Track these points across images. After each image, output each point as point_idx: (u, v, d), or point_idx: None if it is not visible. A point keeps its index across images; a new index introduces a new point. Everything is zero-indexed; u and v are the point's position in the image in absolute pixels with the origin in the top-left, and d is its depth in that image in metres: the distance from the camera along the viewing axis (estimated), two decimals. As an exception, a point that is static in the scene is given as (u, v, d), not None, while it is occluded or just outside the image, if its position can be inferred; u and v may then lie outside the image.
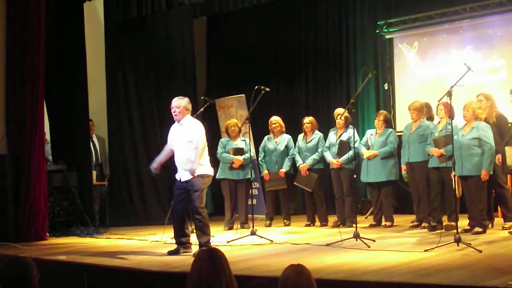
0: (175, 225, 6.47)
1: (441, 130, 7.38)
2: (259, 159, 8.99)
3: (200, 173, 6.36)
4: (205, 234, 6.32)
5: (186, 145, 6.39)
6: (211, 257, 3.06)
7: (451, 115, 7.00)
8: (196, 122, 6.53)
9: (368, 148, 8.27)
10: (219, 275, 3.02)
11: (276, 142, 8.88)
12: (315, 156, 8.54)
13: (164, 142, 7.17)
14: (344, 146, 8.20)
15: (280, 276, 3.02)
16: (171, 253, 6.30)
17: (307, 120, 8.72)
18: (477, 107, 7.09)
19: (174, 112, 6.46)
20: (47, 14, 8.32)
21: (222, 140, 8.97)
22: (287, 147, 8.83)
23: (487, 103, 7.42)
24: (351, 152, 7.97)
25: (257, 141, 9.20)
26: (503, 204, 7.43)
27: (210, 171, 6.57)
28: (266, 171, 8.87)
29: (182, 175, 6.41)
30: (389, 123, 8.46)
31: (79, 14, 9.36)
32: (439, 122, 7.51)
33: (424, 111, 7.88)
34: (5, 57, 8.18)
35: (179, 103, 6.44)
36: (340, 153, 8.24)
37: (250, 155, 8.48)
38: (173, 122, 6.66)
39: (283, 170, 8.74)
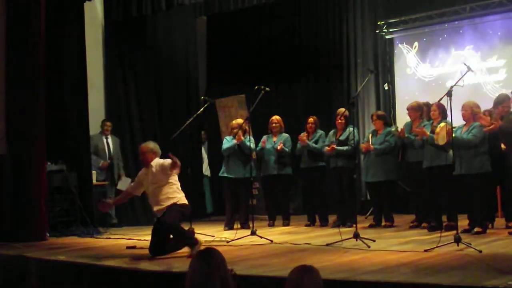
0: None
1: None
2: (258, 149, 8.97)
3: (176, 202, 6.24)
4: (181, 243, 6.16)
5: (159, 182, 6.26)
6: (205, 258, 3.06)
7: (445, 116, 7.06)
8: (165, 160, 6.34)
9: (368, 147, 8.27)
10: (213, 275, 3.01)
11: (274, 141, 8.88)
12: (318, 146, 8.53)
13: (164, 142, 7.17)
14: (343, 146, 8.21)
15: (287, 276, 3.03)
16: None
17: (311, 120, 8.72)
18: (475, 106, 7.07)
19: (141, 158, 6.49)
20: (47, 14, 8.31)
21: (227, 137, 8.96)
22: (284, 146, 8.82)
23: None
24: (349, 147, 7.98)
25: (257, 141, 9.21)
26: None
27: (185, 201, 6.37)
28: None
29: (158, 212, 6.28)
30: (385, 118, 8.38)
31: (79, 14, 9.36)
32: (432, 123, 7.48)
33: (422, 111, 7.87)
34: (6, 57, 8.18)
35: (141, 148, 6.47)
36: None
37: (251, 153, 8.48)
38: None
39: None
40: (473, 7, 9.42)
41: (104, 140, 9.68)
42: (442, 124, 6.96)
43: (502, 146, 7.14)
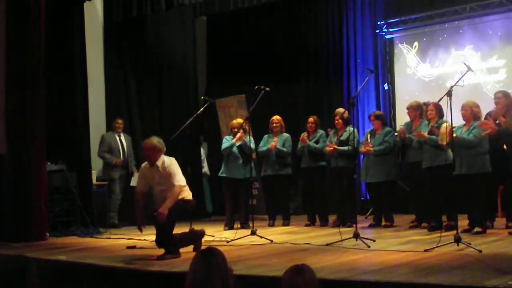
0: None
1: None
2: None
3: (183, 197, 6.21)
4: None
5: (167, 185, 6.19)
6: (206, 257, 3.06)
7: (442, 115, 7.06)
8: (171, 161, 6.26)
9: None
10: (213, 275, 3.00)
11: (275, 141, 8.87)
12: (318, 146, 8.53)
13: (164, 142, 7.16)
14: (344, 146, 8.20)
15: (282, 276, 3.02)
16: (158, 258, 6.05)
17: (311, 119, 8.72)
18: (475, 106, 7.07)
19: (144, 154, 6.37)
20: (47, 13, 8.31)
21: (226, 137, 8.96)
22: (283, 146, 8.81)
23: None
24: (350, 147, 7.98)
25: (257, 141, 9.23)
26: None
27: (190, 197, 6.35)
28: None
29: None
30: (383, 118, 8.37)
31: (79, 14, 9.37)
32: (429, 123, 7.47)
33: (422, 110, 7.87)
34: (6, 57, 8.17)
35: (145, 144, 6.28)
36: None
37: (251, 152, 8.49)
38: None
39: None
40: (473, 7, 9.42)
41: (117, 138, 9.63)
42: (447, 124, 6.87)
43: (504, 146, 7.14)
